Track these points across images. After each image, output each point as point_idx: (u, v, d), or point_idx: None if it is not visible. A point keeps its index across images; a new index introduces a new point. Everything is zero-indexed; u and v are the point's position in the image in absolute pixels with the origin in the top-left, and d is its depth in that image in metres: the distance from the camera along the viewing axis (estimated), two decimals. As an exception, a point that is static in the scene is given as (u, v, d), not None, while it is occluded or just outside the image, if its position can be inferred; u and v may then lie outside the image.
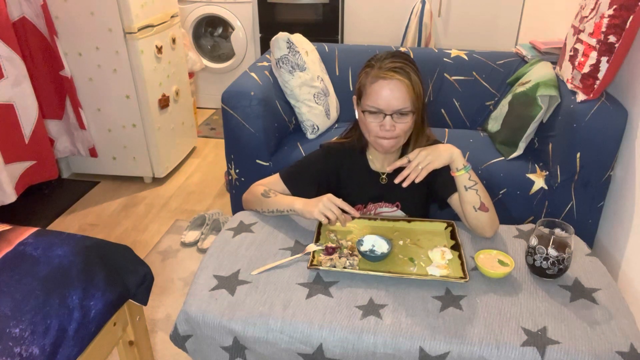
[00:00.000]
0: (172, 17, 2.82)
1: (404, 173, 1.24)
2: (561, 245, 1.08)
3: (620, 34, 1.59)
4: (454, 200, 1.32)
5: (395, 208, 1.42)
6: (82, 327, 1.12)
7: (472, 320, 1.01)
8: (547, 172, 1.89)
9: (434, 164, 1.22)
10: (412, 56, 2.37)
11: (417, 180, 1.22)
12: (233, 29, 3.71)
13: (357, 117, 1.36)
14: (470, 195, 1.24)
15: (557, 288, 1.10)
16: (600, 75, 1.68)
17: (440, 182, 1.35)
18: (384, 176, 1.41)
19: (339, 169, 1.42)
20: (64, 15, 2.46)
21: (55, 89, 2.60)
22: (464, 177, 1.24)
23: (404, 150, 1.38)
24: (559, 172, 1.82)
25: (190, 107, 3.15)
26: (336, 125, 2.33)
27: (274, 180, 1.40)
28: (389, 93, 1.23)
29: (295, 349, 1.00)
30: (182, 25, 3.52)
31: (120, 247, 1.32)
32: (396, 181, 1.24)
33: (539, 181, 1.87)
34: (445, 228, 1.28)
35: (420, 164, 1.22)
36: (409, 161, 1.24)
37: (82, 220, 2.56)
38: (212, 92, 3.97)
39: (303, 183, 1.39)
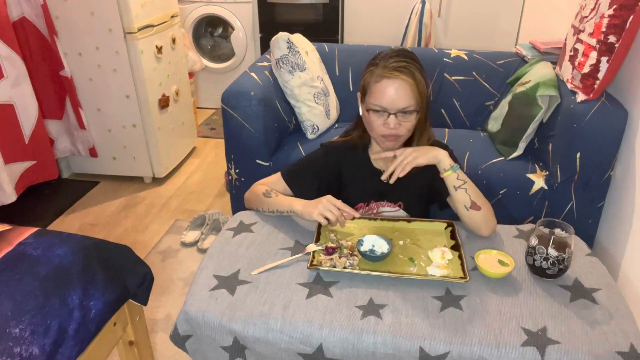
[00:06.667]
0: (172, 17, 2.82)
1: (390, 169, 1.28)
2: (561, 245, 1.08)
3: (620, 34, 1.59)
4: (451, 200, 1.33)
5: (397, 208, 1.42)
6: (82, 327, 1.12)
7: (472, 320, 1.01)
8: (547, 172, 1.89)
9: (418, 159, 1.27)
10: (412, 56, 2.40)
11: (401, 175, 1.26)
12: (233, 29, 3.71)
13: (360, 113, 1.37)
14: (460, 195, 1.27)
15: (557, 288, 1.10)
16: (600, 75, 1.68)
17: (440, 182, 1.35)
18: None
19: (341, 167, 1.42)
20: (64, 15, 2.46)
21: (55, 89, 2.60)
22: (452, 177, 1.27)
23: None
24: (559, 172, 1.82)
25: (190, 107, 3.15)
26: (336, 125, 2.32)
27: (275, 179, 1.40)
28: (393, 93, 1.24)
29: (295, 349, 1.00)
30: (182, 25, 3.52)
31: (120, 247, 1.32)
32: (383, 178, 1.30)
33: (539, 181, 1.87)
34: (446, 228, 1.28)
35: (406, 159, 1.27)
36: (395, 156, 1.29)
37: (82, 220, 2.56)
38: (212, 92, 3.97)
39: (304, 182, 1.39)
